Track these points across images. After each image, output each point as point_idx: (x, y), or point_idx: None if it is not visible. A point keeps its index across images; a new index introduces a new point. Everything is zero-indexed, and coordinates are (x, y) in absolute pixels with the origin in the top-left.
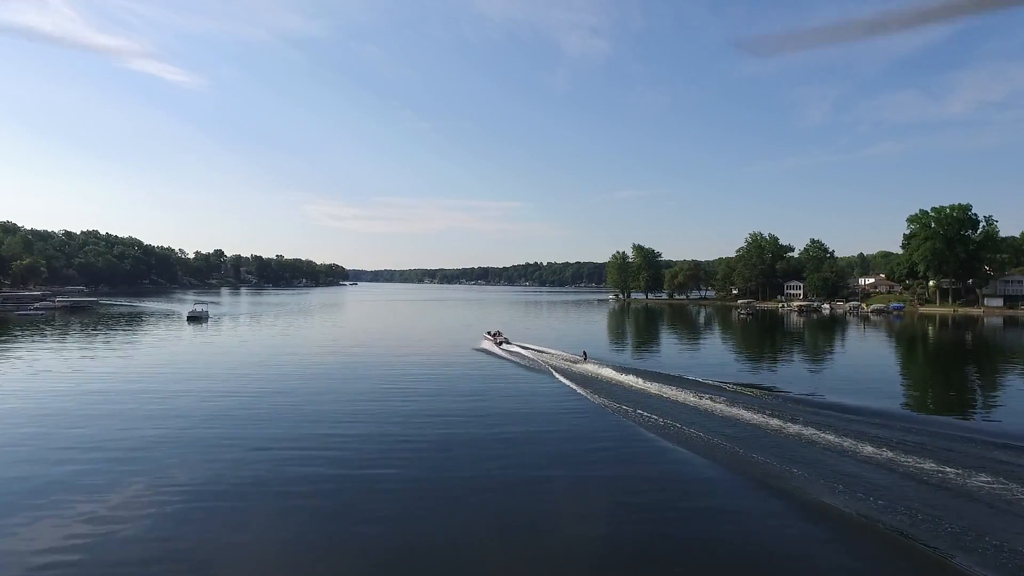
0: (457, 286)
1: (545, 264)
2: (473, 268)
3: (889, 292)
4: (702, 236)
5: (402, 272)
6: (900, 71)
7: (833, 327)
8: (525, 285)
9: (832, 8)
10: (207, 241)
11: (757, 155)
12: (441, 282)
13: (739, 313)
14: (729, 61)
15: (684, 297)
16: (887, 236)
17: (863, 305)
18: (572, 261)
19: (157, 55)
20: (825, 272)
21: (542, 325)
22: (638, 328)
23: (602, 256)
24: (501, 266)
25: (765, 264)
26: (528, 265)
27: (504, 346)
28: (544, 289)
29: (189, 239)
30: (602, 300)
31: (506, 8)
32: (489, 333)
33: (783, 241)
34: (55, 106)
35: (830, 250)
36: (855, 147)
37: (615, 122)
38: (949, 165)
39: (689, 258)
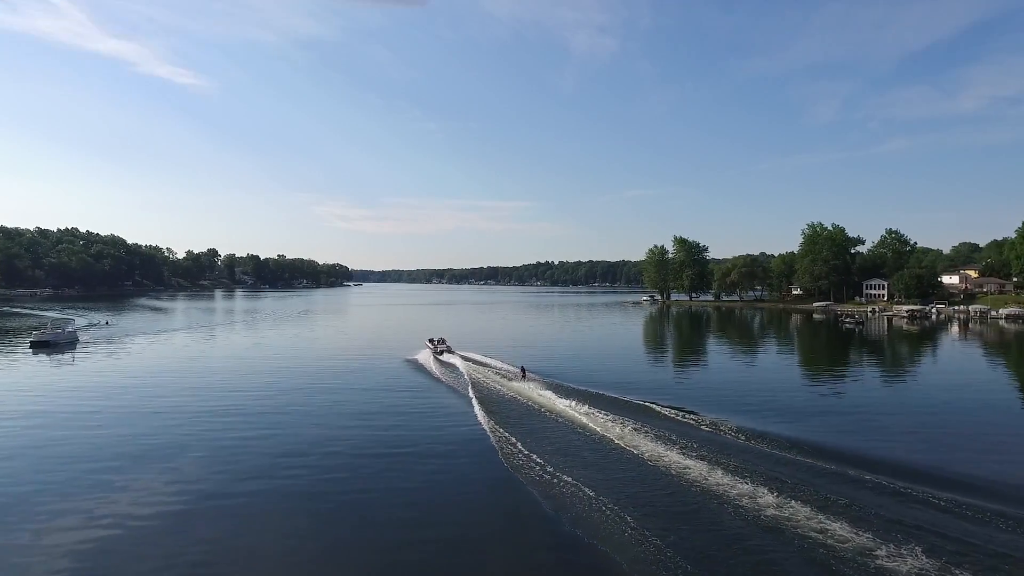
0: (466, 286)
1: (557, 263)
2: (482, 268)
3: (1000, 292)
4: (711, 234)
5: (410, 272)
6: (911, 67)
7: (996, 340)
8: (536, 285)
9: (839, 5)
10: (215, 244)
11: (767, 153)
12: (450, 282)
13: (842, 321)
14: (738, 59)
15: (737, 298)
16: (911, 233)
17: (992, 309)
18: (584, 260)
19: (167, 58)
20: (914, 268)
21: (571, 343)
22: (707, 346)
23: (614, 255)
24: (511, 265)
25: (839, 260)
26: (539, 264)
27: (445, 355)
28: (556, 289)
29: (195, 241)
30: (636, 302)
31: (513, 7)
32: (431, 340)
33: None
34: (65, 110)
35: (911, 242)
36: (866, 144)
37: (623, 121)
38: (961, 161)
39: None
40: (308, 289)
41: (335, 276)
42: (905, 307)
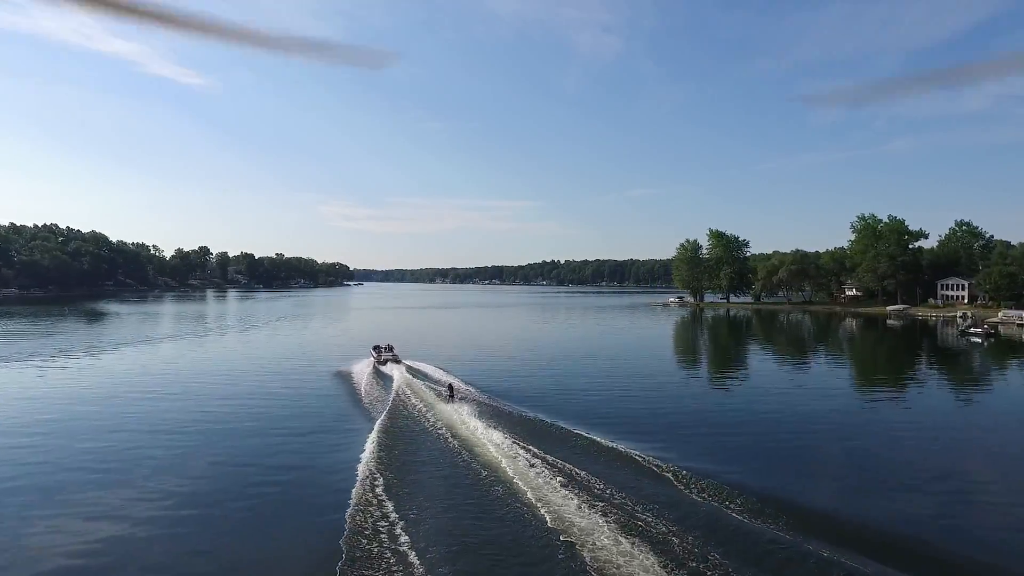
0: (470, 285)
1: (563, 263)
2: (486, 267)
3: None
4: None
5: (413, 272)
6: (916, 66)
7: None
8: (542, 284)
9: (844, 4)
10: (220, 245)
11: (771, 152)
12: (453, 281)
13: (957, 333)
14: (742, 58)
15: (785, 300)
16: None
17: None
18: (591, 259)
19: (172, 58)
20: (1000, 264)
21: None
22: (789, 371)
23: (619, 254)
24: (516, 265)
25: (907, 256)
26: (545, 263)
27: (389, 365)
28: (563, 289)
29: (198, 242)
30: (664, 304)
31: (517, 6)
32: (377, 348)
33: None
34: (71, 112)
35: (987, 234)
36: (871, 143)
37: (627, 120)
38: (967, 161)
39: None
40: (305, 289)
41: (334, 275)
42: (1018, 312)
